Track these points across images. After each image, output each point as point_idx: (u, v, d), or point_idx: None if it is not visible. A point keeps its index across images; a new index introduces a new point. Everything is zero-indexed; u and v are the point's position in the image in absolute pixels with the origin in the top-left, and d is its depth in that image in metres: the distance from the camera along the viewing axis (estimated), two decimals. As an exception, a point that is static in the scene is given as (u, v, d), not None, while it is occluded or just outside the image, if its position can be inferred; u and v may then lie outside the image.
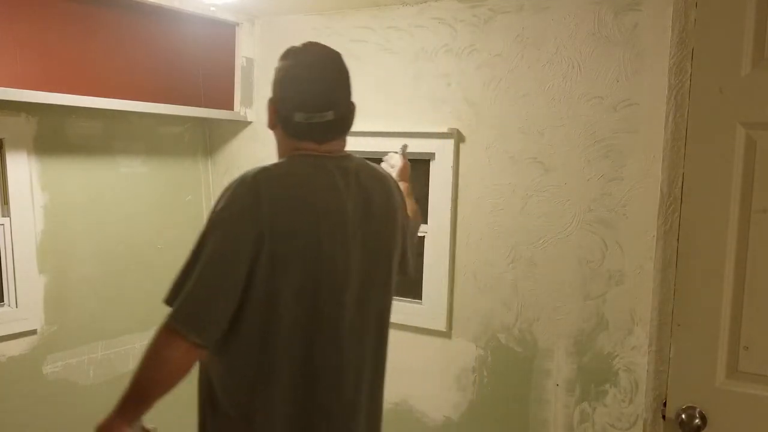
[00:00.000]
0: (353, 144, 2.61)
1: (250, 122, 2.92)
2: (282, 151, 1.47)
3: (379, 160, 2.71)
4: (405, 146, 2.04)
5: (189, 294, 1.26)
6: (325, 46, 1.49)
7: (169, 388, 1.30)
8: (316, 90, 1.41)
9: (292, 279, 1.31)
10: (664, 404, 1.61)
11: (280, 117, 1.42)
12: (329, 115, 1.38)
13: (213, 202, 1.40)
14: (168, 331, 1.26)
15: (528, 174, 2.29)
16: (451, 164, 2.42)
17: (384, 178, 1.51)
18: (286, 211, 1.31)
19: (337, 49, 2.66)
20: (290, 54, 1.46)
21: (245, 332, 1.31)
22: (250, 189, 1.31)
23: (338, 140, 1.46)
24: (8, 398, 2.33)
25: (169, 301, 1.28)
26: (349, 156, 1.47)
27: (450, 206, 2.44)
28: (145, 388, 1.31)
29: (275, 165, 1.40)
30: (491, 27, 2.31)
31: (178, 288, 1.28)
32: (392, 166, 1.97)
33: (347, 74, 1.47)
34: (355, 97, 2.62)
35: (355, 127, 2.60)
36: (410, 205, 1.74)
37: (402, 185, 1.77)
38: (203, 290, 1.27)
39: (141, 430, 1.39)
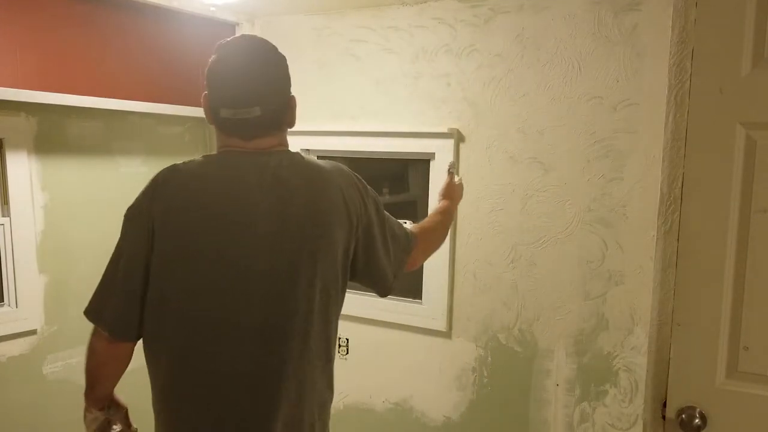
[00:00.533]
0: (356, 144, 2.64)
1: (250, 122, 2.92)
2: (217, 147, 1.41)
3: (380, 160, 2.71)
4: (452, 163, 1.96)
5: (96, 290, 1.33)
6: (255, 39, 1.39)
7: (105, 377, 1.38)
8: (240, 85, 1.33)
9: (180, 279, 1.28)
10: (664, 404, 1.61)
11: (211, 112, 1.39)
12: (256, 111, 1.31)
13: None
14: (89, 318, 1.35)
15: (528, 174, 2.29)
16: (451, 164, 2.42)
17: (321, 179, 1.36)
18: (177, 209, 1.29)
19: (337, 49, 2.67)
20: (219, 48, 1.38)
21: (146, 330, 1.32)
22: (150, 187, 1.33)
23: (270, 137, 1.37)
24: (8, 398, 2.33)
25: None
26: (276, 153, 1.36)
27: (450, 206, 2.44)
28: (87, 376, 1.39)
29: (188, 162, 1.37)
30: (491, 27, 2.31)
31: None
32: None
33: (281, 67, 1.36)
34: (356, 97, 2.64)
35: (356, 127, 2.62)
36: (430, 223, 1.66)
37: (443, 203, 1.72)
38: (105, 286, 1.33)
39: (107, 422, 1.44)
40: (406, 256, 1.52)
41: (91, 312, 1.34)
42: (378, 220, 1.46)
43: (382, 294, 1.53)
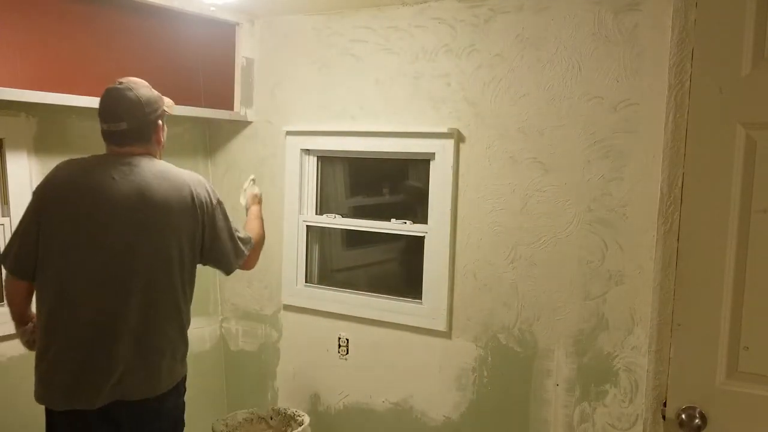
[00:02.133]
0: (356, 144, 2.63)
1: (250, 122, 2.93)
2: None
3: (380, 160, 2.72)
4: (253, 178, 2.43)
5: (7, 242, 1.87)
6: (129, 80, 1.89)
7: (16, 304, 1.90)
8: (111, 107, 1.83)
9: (56, 239, 1.76)
10: (664, 404, 1.61)
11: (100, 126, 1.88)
12: (123, 126, 1.81)
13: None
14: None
15: (528, 174, 2.29)
16: (451, 164, 2.42)
17: (174, 178, 1.84)
18: (59, 189, 1.80)
19: (337, 49, 2.67)
20: (107, 88, 1.87)
21: (36, 278, 1.81)
22: (48, 174, 1.85)
23: (137, 146, 1.84)
24: (8, 398, 2.33)
25: None
26: (140, 157, 1.83)
27: (450, 206, 2.44)
28: (6, 302, 1.92)
29: (78, 159, 1.88)
30: (491, 27, 2.31)
31: None
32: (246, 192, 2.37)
33: (146, 93, 1.86)
34: (356, 97, 2.64)
35: (356, 127, 2.62)
36: (250, 224, 2.20)
37: (255, 209, 2.29)
38: (11, 241, 1.84)
39: (31, 331, 1.93)
40: (246, 247, 2.01)
41: (1, 257, 1.87)
42: (222, 216, 1.93)
43: (226, 272, 2.02)
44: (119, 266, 1.76)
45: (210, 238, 1.91)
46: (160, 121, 1.91)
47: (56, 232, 1.77)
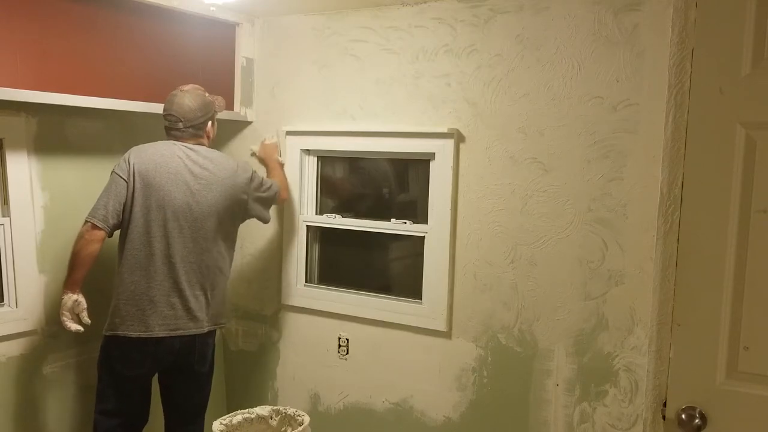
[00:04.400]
0: (356, 144, 2.63)
1: (251, 122, 2.93)
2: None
3: (380, 160, 2.71)
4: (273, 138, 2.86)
5: (97, 200, 2.25)
6: (189, 88, 2.39)
7: (83, 259, 2.20)
8: (171, 110, 2.34)
9: (139, 201, 2.24)
10: (664, 404, 1.61)
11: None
12: (180, 125, 2.33)
13: None
14: (85, 221, 2.22)
15: (528, 174, 2.29)
16: (451, 164, 2.42)
17: (222, 160, 2.38)
18: (140, 165, 2.26)
19: (337, 49, 2.68)
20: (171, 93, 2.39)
21: (123, 227, 2.28)
22: (129, 153, 2.31)
23: (191, 139, 2.36)
24: (8, 398, 2.33)
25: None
26: (197, 146, 2.35)
27: (450, 206, 2.44)
28: (72, 260, 2.22)
29: (151, 143, 2.34)
30: (491, 27, 2.31)
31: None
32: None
33: (199, 102, 2.36)
34: (356, 97, 2.64)
35: (355, 127, 2.62)
36: (276, 176, 2.72)
37: (272, 166, 2.79)
38: (101, 199, 2.24)
39: (76, 301, 2.22)
40: (272, 194, 2.53)
41: (90, 212, 2.22)
42: (260, 186, 2.47)
43: (264, 221, 2.56)
44: (187, 222, 2.27)
45: (253, 203, 2.45)
46: (210, 122, 2.42)
47: (136, 195, 2.24)
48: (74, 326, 2.22)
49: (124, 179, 2.24)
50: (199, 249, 2.30)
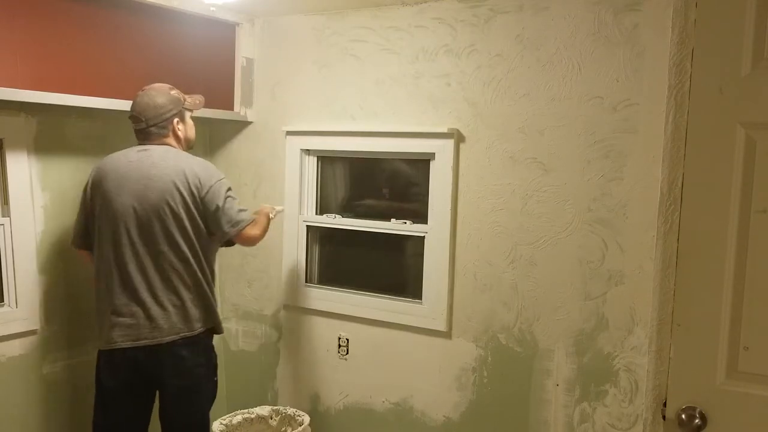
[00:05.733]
0: (356, 144, 2.63)
1: (251, 122, 2.93)
2: None
3: (379, 160, 2.72)
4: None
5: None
6: (151, 87, 2.26)
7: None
8: (134, 110, 2.23)
9: (97, 212, 2.20)
10: (664, 404, 1.61)
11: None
12: (142, 125, 2.22)
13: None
14: None
15: (528, 174, 2.29)
16: (451, 164, 2.42)
17: (174, 165, 2.18)
18: (95, 176, 2.23)
19: (337, 49, 2.68)
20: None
21: (93, 245, 2.25)
22: (93, 168, 2.27)
23: (155, 139, 2.23)
24: (8, 398, 2.33)
25: None
26: (156, 146, 2.22)
27: (450, 206, 2.44)
28: None
29: (116, 153, 2.25)
30: (491, 27, 2.31)
31: None
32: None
33: (161, 98, 2.23)
34: (355, 97, 2.64)
35: (356, 127, 2.62)
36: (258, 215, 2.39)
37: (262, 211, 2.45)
38: (75, 222, 2.30)
39: None
40: (242, 221, 2.25)
41: (72, 239, 2.32)
42: (216, 194, 2.21)
43: (221, 238, 2.29)
44: (134, 224, 2.16)
45: (206, 210, 2.22)
46: (176, 119, 2.26)
47: (96, 208, 2.20)
48: None
49: (84, 193, 2.25)
50: (153, 255, 2.17)
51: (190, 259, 2.20)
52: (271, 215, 2.43)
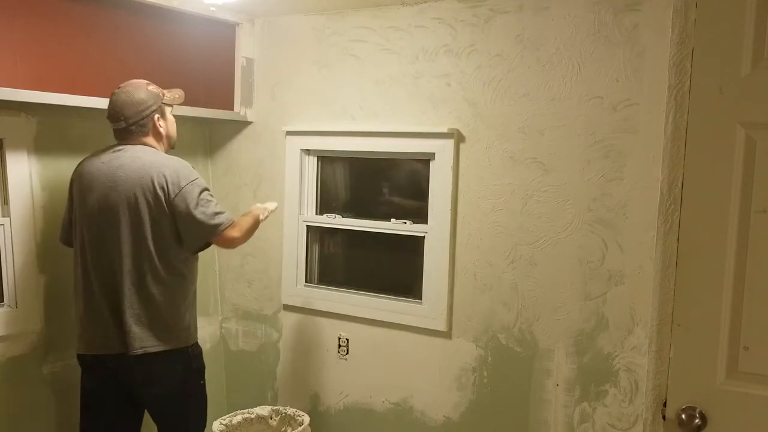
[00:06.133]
0: (356, 144, 2.63)
1: (251, 122, 2.93)
2: None
3: (379, 160, 2.72)
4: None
5: None
6: (129, 83, 2.16)
7: None
8: (111, 110, 2.14)
9: (74, 211, 2.17)
10: (664, 404, 1.61)
11: None
12: (122, 124, 2.13)
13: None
14: None
15: (528, 174, 2.29)
16: (451, 164, 2.42)
17: (147, 165, 2.08)
18: (75, 174, 2.19)
19: (337, 49, 2.68)
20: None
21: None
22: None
23: (135, 138, 2.15)
24: (8, 398, 2.33)
25: None
26: (131, 146, 2.14)
27: (450, 206, 2.44)
28: None
29: (94, 152, 2.20)
30: (491, 27, 2.31)
31: None
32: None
33: (138, 95, 2.13)
34: (355, 97, 2.64)
35: (356, 127, 2.62)
36: (244, 216, 2.29)
37: (252, 208, 2.37)
38: (61, 223, 2.29)
39: None
40: (218, 225, 2.12)
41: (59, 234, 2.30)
42: (189, 197, 2.08)
43: (185, 250, 2.18)
44: (96, 228, 2.11)
45: (177, 214, 2.10)
46: (156, 116, 2.16)
47: (74, 207, 2.18)
48: None
49: (69, 189, 2.21)
50: (111, 263, 2.08)
51: (163, 273, 2.10)
52: (261, 217, 2.31)
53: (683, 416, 1.55)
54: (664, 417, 1.61)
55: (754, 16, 1.44)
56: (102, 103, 2.33)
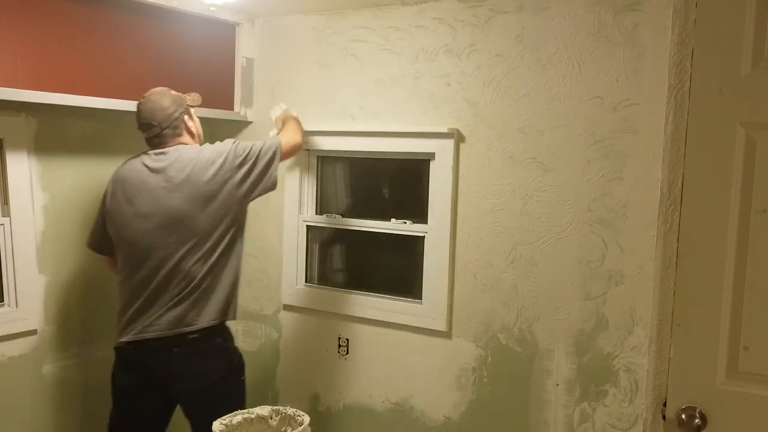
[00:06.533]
0: (356, 144, 2.63)
1: (251, 122, 2.92)
2: None
3: (380, 160, 2.72)
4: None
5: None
6: (150, 92, 2.26)
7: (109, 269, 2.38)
8: (141, 119, 2.24)
9: (114, 218, 2.23)
10: (664, 404, 1.61)
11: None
12: (156, 130, 2.21)
13: None
14: None
15: (528, 174, 2.29)
16: (451, 164, 2.42)
17: (194, 161, 2.17)
18: (116, 181, 2.25)
19: (337, 49, 2.68)
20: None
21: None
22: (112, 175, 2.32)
23: (170, 140, 2.23)
24: (8, 398, 2.33)
25: None
26: (171, 147, 2.22)
27: (450, 206, 2.44)
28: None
29: (129, 158, 2.29)
30: (491, 27, 2.31)
31: None
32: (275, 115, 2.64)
33: (165, 100, 2.24)
34: (355, 97, 2.64)
35: (356, 127, 2.62)
36: (287, 130, 2.47)
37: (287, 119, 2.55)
38: (92, 226, 2.36)
39: None
40: (272, 155, 2.27)
41: (88, 241, 2.37)
42: (241, 154, 2.22)
43: (269, 189, 2.29)
44: (152, 224, 2.15)
45: (242, 176, 2.21)
46: (185, 116, 2.28)
47: (113, 214, 2.23)
48: None
49: (103, 199, 2.28)
50: (173, 252, 2.15)
51: (200, 256, 2.18)
52: (294, 114, 2.51)
53: (683, 416, 1.56)
54: (664, 417, 1.62)
55: (754, 16, 1.44)
56: (102, 103, 2.34)
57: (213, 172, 2.15)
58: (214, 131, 3.04)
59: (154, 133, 2.21)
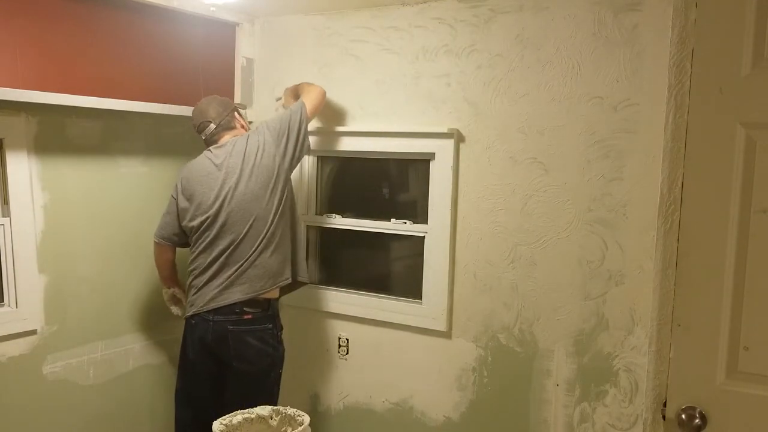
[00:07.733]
0: (356, 144, 2.63)
1: (251, 122, 2.92)
2: None
3: (380, 160, 2.72)
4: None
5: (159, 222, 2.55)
6: (200, 101, 2.50)
7: (162, 267, 2.58)
8: (198, 118, 2.47)
9: (188, 213, 2.41)
10: (664, 404, 1.61)
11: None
12: (212, 126, 2.45)
13: None
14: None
15: (528, 174, 2.29)
16: (451, 164, 2.42)
17: (250, 147, 2.39)
18: (183, 180, 2.46)
19: (337, 49, 2.68)
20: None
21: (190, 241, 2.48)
22: (180, 169, 2.54)
23: (226, 134, 2.47)
24: (8, 398, 2.33)
25: None
26: (224, 142, 2.44)
27: (450, 206, 2.44)
28: (156, 267, 2.60)
29: (199, 157, 2.49)
30: (491, 27, 2.31)
31: None
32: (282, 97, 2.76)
33: (217, 101, 2.49)
34: (355, 97, 2.64)
35: (356, 127, 2.62)
36: (305, 92, 2.59)
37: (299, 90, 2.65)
38: (162, 218, 2.52)
39: (172, 295, 2.61)
40: (302, 115, 2.48)
41: (155, 232, 2.53)
42: (279, 134, 2.44)
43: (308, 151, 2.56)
44: (228, 210, 2.35)
45: (285, 149, 2.43)
46: (236, 113, 2.52)
47: (187, 208, 2.42)
48: (174, 309, 2.62)
49: (173, 197, 2.48)
50: (240, 235, 2.34)
51: (273, 230, 2.37)
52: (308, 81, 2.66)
53: (683, 416, 1.56)
54: (664, 417, 1.62)
55: (754, 16, 1.44)
56: (102, 103, 2.34)
57: (262, 151, 2.38)
58: (214, 131, 3.04)
59: (210, 129, 2.43)
